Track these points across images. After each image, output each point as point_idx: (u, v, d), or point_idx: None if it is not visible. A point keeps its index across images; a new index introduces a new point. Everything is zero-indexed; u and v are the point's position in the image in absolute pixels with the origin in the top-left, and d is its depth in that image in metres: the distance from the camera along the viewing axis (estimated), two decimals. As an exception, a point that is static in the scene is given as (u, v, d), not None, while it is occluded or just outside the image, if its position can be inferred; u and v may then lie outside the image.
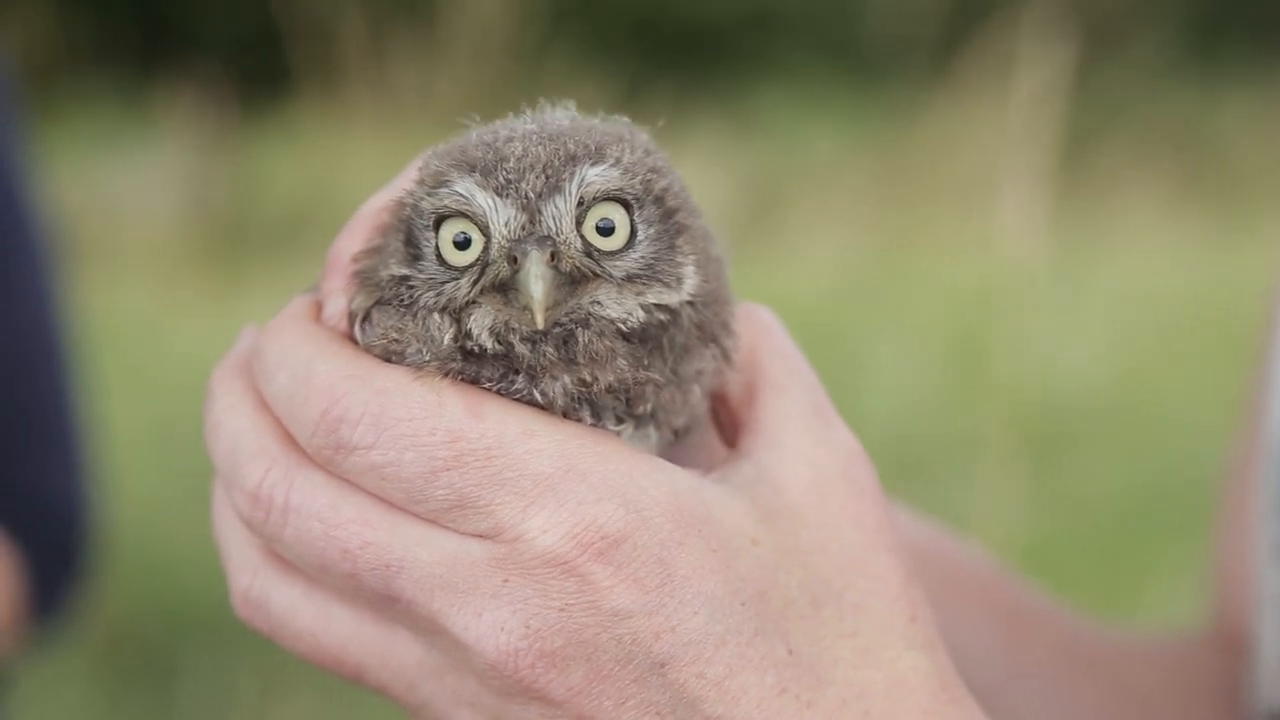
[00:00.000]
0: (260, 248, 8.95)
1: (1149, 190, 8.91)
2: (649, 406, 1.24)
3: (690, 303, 1.24)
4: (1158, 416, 6.67)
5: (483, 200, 1.21)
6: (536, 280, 1.18)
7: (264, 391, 1.25)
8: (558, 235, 1.20)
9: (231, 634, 5.00)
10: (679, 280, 1.24)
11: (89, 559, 2.85)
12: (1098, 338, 7.09)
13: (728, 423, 1.32)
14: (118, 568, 4.78)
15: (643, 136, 1.28)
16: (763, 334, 1.31)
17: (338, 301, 1.27)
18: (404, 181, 1.29)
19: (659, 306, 1.23)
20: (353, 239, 1.29)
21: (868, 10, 10.03)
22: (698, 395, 1.27)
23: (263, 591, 1.26)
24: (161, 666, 4.90)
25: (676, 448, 1.28)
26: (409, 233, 1.25)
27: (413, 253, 1.24)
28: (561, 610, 1.16)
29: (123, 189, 9.22)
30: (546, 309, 1.18)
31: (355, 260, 1.28)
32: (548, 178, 1.21)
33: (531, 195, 1.20)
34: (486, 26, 7.98)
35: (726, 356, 1.28)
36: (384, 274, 1.25)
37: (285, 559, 1.25)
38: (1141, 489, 5.95)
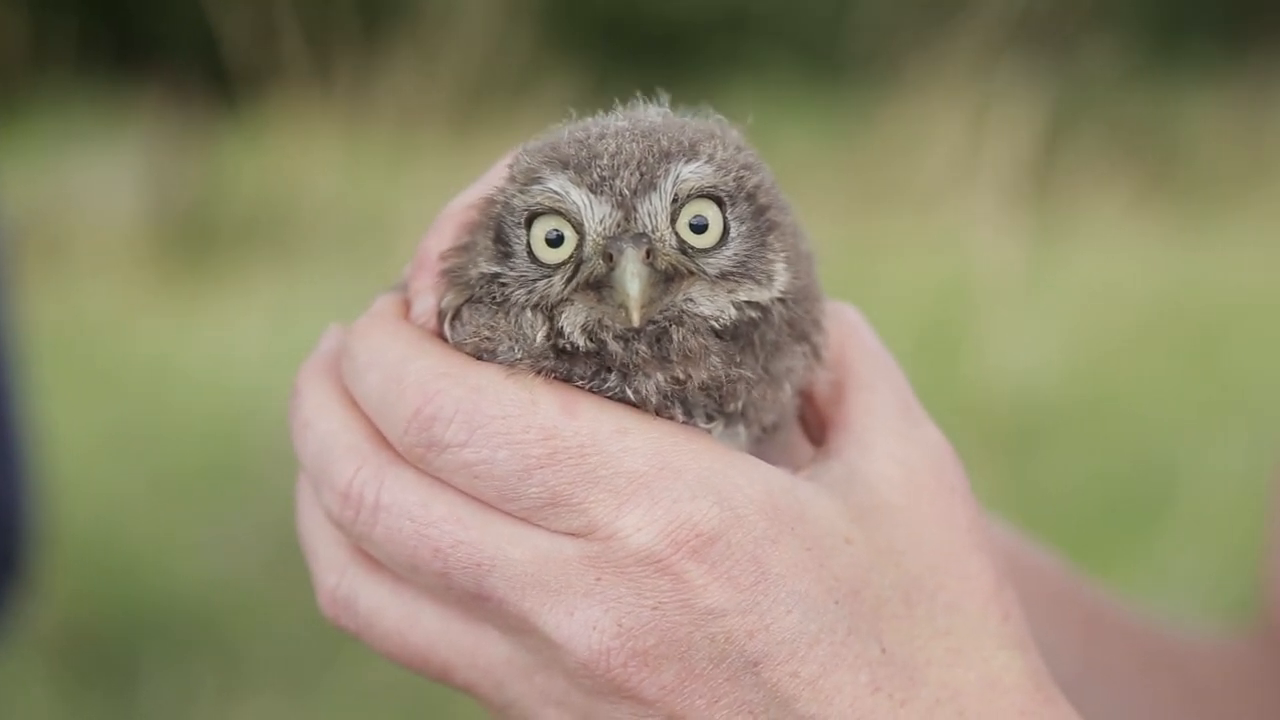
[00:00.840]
0: (225, 248, 8.89)
1: (1114, 189, 8.94)
2: (740, 404, 1.23)
3: (781, 300, 1.24)
4: (1122, 413, 6.70)
5: (577, 197, 1.20)
6: (633, 278, 1.17)
7: (354, 391, 1.24)
8: (653, 233, 1.19)
9: (191, 634, 4.97)
10: (770, 277, 1.23)
11: (31, 564, 2.82)
12: (1063, 336, 7.12)
13: (814, 421, 1.32)
14: (77, 568, 4.75)
15: (734, 133, 1.28)
16: (850, 332, 1.31)
17: (426, 300, 1.26)
18: (491, 179, 1.28)
19: (751, 304, 1.22)
20: (440, 237, 1.28)
21: (838, 9, 10.05)
22: (788, 393, 1.27)
23: (350, 590, 1.25)
24: (121, 667, 4.86)
25: (764, 444, 1.28)
26: (499, 230, 1.24)
27: (503, 250, 1.23)
28: (655, 609, 1.16)
29: (88, 189, 9.16)
30: (642, 307, 1.17)
31: (443, 258, 1.27)
32: (642, 175, 1.20)
33: (626, 192, 1.20)
34: (454, 26, 7.96)
35: (817, 354, 1.28)
36: (473, 272, 1.24)
37: (373, 558, 1.24)
38: (1106, 485, 5.97)
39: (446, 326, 1.25)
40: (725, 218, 1.22)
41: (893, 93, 8.69)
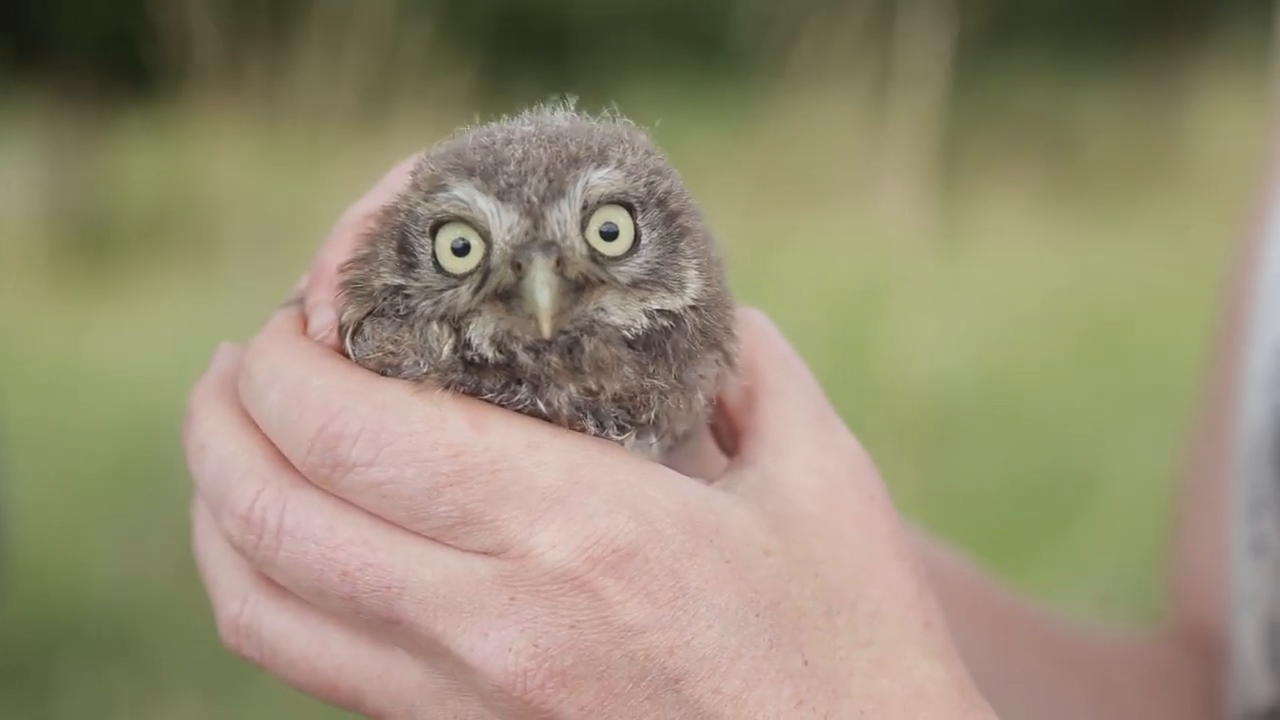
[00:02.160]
0: (128, 247, 8.85)
1: (1016, 187, 9.02)
2: (653, 414, 1.20)
3: (694, 307, 1.21)
4: (1034, 408, 6.77)
5: (484, 205, 1.17)
6: (543, 288, 1.14)
7: (253, 411, 1.20)
8: (563, 241, 1.16)
9: (106, 640, 4.93)
10: (682, 285, 1.20)
11: None
12: (972, 331, 7.17)
13: (725, 429, 1.29)
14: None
15: (642, 137, 1.25)
16: (759, 337, 1.29)
17: (325, 314, 1.22)
18: (388, 187, 1.24)
19: (663, 312, 1.20)
20: (337, 248, 1.24)
21: (738, 5, 10.09)
22: (701, 401, 1.23)
23: (254, 618, 1.21)
24: (34, 675, 4.82)
25: (674, 453, 1.25)
26: (403, 240, 1.20)
27: (407, 261, 1.20)
28: (572, 627, 1.13)
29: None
30: (553, 317, 1.14)
31: (342, 270, 1.23)
32: (550, 181, 1.16)
33: (535, 199, 1.16)
34: (349, 23, 7.93)
35: (729, 361, 1.25)
36: (376, 283, 1.21)
37: (276, 583, 1.20)
38: (1020, 480, 6.02)
39: (348, 341, 1.21)
40: (636, 224, 1.19)
41: (789, 86, 8.73)
